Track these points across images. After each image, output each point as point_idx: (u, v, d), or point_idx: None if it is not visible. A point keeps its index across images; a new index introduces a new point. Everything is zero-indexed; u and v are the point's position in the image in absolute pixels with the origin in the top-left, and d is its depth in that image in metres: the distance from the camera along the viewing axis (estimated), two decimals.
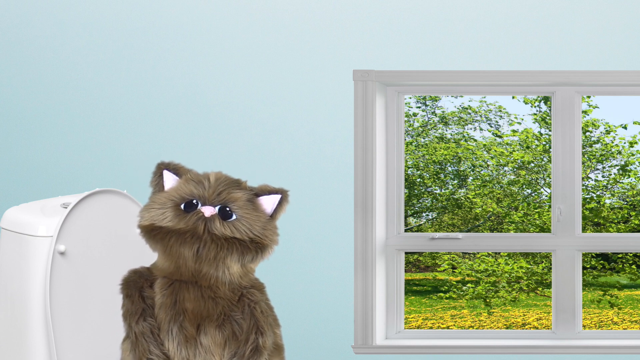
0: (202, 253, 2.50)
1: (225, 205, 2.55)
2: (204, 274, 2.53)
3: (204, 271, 2.52)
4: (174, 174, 2.63)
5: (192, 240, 2.50)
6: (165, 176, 2.63)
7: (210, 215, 2.52)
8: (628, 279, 4.44)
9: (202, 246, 2.49)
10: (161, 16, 3.49)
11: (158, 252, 2.57)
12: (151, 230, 2.54)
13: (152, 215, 2.54)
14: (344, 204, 3.49)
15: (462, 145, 3.98)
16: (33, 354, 2.79)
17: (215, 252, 2.50)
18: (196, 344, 2.54)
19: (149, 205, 2.58)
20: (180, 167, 2.64)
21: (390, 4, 3.47)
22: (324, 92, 3.48)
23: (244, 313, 2.57)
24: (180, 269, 2.53)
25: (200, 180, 2.60)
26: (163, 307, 2.54)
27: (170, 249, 2.51)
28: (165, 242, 2.51)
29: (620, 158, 4.11)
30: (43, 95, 3.52)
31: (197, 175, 2.62)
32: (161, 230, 2.52)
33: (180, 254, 2.50)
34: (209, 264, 2.51)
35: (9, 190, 3.54)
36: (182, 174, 2.63)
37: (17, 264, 2.83)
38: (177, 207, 2.55)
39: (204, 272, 2.52)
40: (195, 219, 2.51)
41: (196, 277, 2.53)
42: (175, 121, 3.50)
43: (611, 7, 3.45)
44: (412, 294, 4.43)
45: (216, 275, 2.53)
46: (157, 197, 2.59)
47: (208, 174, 2.63)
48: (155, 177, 2.64)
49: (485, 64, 3.46)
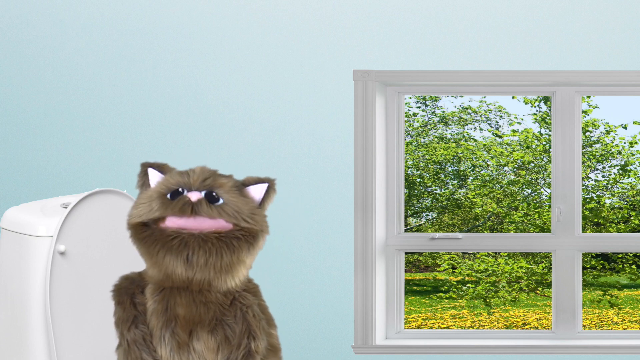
0: (193, 260, 2.48)
1: (212, 191, 2.53)
2: (198, 281, 2.50)
3: (197, 278, 2.49)
4: (158, 171, 2.62)
5: (179, 248, 2.47)
6: (150, 174, 2.62)
7: (196, 200, 2.49)
8: (628, 279, 4.44)
9: (191, 253, 2.47)
10: (161, 16, 3.49)
11: (146, 260, 2.54)
12: (140, 230, 2.51)
13: (140, 211, 2.52)
14: (344, 204, 3.49)
15: (462, 145, 3.98)
16: (33, 354, 2.79)
17: (205, 258, 2.48)
18: (189, 350, 2.52)
19: (136, 202, 2.56)
20: (164, 165, 2.63)
21: (390, 4, 3.47)
22: (324, 92, 3.48)
23: (237, 317, 2.55)
24: (171, 277, 2.50)
25: (185, 172, 2.59)
26: (155, 314, 2.52)
27: (157, 256, 2.48)
28: (152, 249, 2.49)
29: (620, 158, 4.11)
30: (43, 95, 3.52)
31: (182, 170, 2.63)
32: (150, 235, 2.49)
33: (169, 263, 2.48)
34: (201, 271, 2.49)
35: (9, 190, 3.54)
36: (167, 171, 2.62)
37: (17, 264, 2.83)
38: (164, 196, 2.52)
39: (197, 279, 2.49)
40: (181, 203, 2.48)
41: (188, 284, 2.51)
42: (175, 121, 3.50)
43: (611, 7, 3.45)
44: (412, 294, 4.43)
45: (209, 281, 2.51)
46: (144, 194, 2.57)
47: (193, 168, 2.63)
48: (141, 176, 2.63)
49: (485, 64, 3.46)
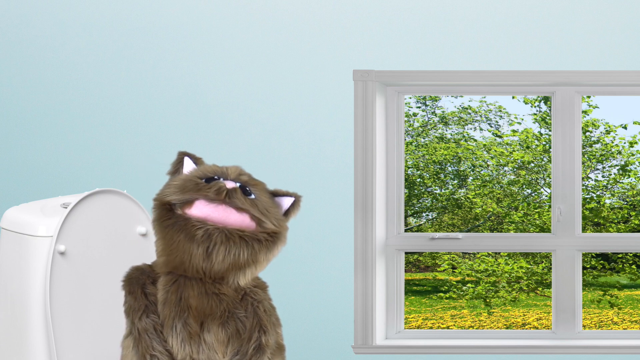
0: (212, 253, 2.50)
1: (246, 186, 2.57)
2: (213, 273, 2.52)
3: (214, 270, 2.52)
4: (193, 162, 2.66)
5: (202, 239, 2.49)
6: (186, 162, 2.66)
7: (232, 187, 2.53)
8: (628, 279, 4.44)
9: (213, 246, 2.50)
10: (161, 16, 3.49)
11: (163, 244, 2.55)
12: (165, 216, 2.53)
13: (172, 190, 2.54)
14: (344, 204, 3.49)
15: (462, 145, 3.98)
16: (33, 354, 2.79)
17: (224, 254, 2.50)
18: (200, 341, 2.54)
19: (169, 182, 2.59)
20: (200, 159, 2.69)
21: (390, 4, 3.47)
22: (324, 92, 3.48)
23: (247, 311, 2.57)
24: (185, 265, 2.53)
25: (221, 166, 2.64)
26: (167, 304, 2.54)
27: (177, 243, 2.51)
28: (176, 236, 2.51)
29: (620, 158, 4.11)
30: (43, 95, 3.52)
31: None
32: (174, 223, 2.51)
33: (188, 251, 2.50)
34: (218, 265, 2.51)
35: (9, 190, 3.54)
36: (201, 164, 2.67)
37: (17, 264, 2.83)
38: (199, 180, 2.56)
39: (214, 270, 2.52)
40: (217, 187, 2.51)
41: (202, 275, 2.53)
42: (175, 121, 3.50)
43: (611, 7, 3.45)
44: (412, 294, 4.43)
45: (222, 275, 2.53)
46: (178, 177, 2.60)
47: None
48: (175, 163, 2.67)
49: (485, 64, 3.46)
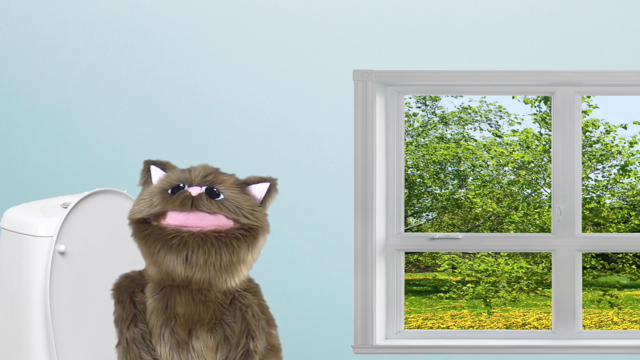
0: (192, 259, 2.48)
1: (212, 186, 2.54)
2: (197, 280, 2.50)
3: (196, 277, 2.50)
4: (160, 169, 2.64)
5: (178, 247, 2.47)
6: (153, 171, 2.63)
7: (197, 194, 2.50)
8: (628, 279, 4.44)
9: (191, 252, 2.48)
10: (161, 16, 3.49)
11: (146, 259, 2.55)
12: (141, 228, 2.52)
13: (141, 207, 2.53)
14: (344, 204, 3.49)
15: (462, 145, 3.98)
16: (33, 354, 2.79)
17: (204, 258, 2.48)
18: (188, 349, 2.52)
19: (138, 198, 2.57)
20: (167, 163, 2.65)
21: (390, 4, 3.47)
22: (324, 92, 3.48)
23: (236, 317, 2.55)
24: (170, 276, 2.51)
25: (186, 169, 2.61)
26: (155, 312, 2.53)
27: (157, 255, 2.49)
28: (152, 248, 2.49)
29: (620, 158, 4.11)
30: (43, 95, 3.52)
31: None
32: (150, 234, 2.50)
33: (168, 262, 2.49)
34: (201, 270, 2.49)
35: (9, 190, 3.54)
36: (169, 169, 2.64)
37: (17, 264, 2.83)
38: (165, 192, 2.53)
39: (197, 278, 2.50)
40: (182, 197, 2.49)
41: (188, 283, 2.52)
42: (175, 121, 3.50)
43: (611, 7, 3.45)
44: (412, 294, 4.43)
45: (209, 281, 2.52)
46: (145, 190, 2.59)
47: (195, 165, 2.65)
48: (143, 173, 2.65)
49: (485, 64, 3.46)
